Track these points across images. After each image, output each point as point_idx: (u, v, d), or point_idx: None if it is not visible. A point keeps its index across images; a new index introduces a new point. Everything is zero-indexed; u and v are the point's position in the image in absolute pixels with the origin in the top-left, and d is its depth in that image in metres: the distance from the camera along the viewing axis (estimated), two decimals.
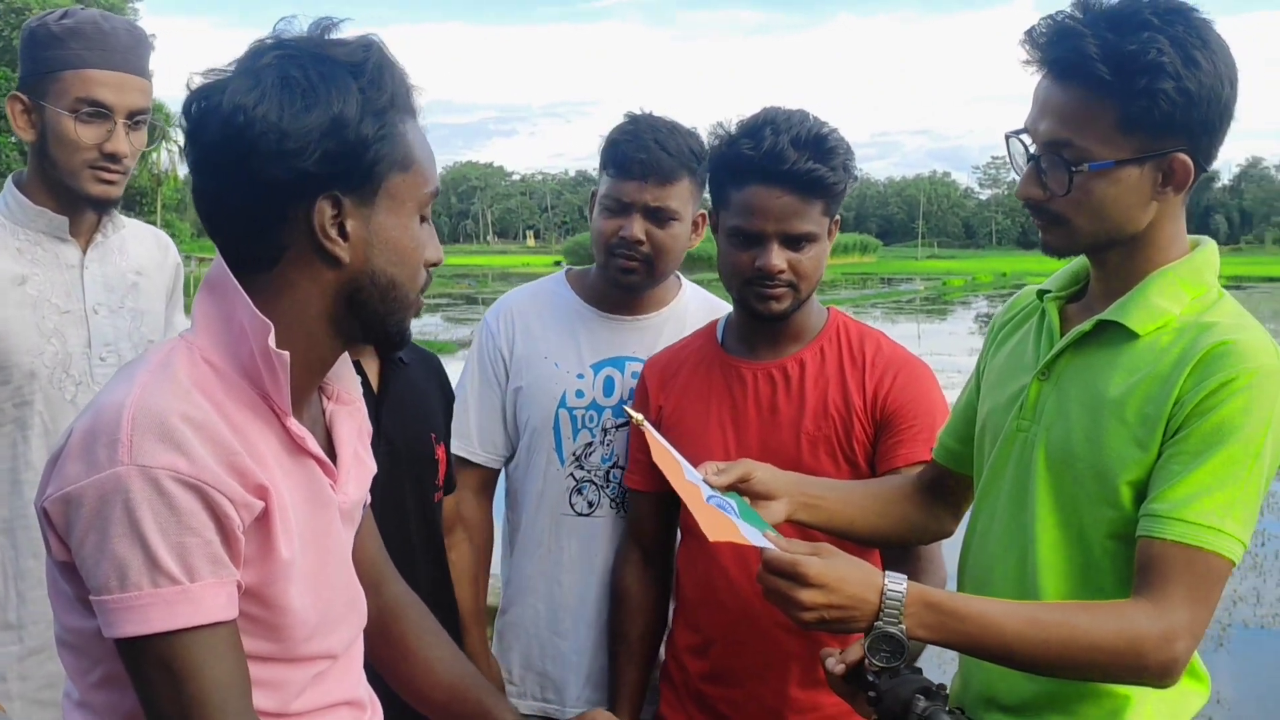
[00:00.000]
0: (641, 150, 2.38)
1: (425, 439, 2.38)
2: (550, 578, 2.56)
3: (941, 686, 1.61)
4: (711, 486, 1.75)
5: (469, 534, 2.59)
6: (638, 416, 1.80)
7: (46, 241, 2.32)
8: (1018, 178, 1.69)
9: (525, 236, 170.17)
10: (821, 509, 1.89)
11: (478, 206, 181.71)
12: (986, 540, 1.80)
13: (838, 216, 2.24)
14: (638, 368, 2.51)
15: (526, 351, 2.57)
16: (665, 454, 1.76)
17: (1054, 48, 1.58)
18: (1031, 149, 1.64)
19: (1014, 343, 1.86)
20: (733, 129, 2.18)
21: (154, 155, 40.56)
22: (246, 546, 1.30)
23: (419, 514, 2.36)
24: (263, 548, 1.32)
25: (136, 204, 43.59)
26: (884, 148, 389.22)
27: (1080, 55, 1.54)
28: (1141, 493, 1.58)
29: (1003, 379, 1.83)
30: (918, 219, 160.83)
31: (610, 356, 2.54)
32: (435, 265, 1.46)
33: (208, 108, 1.31)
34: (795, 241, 2.15)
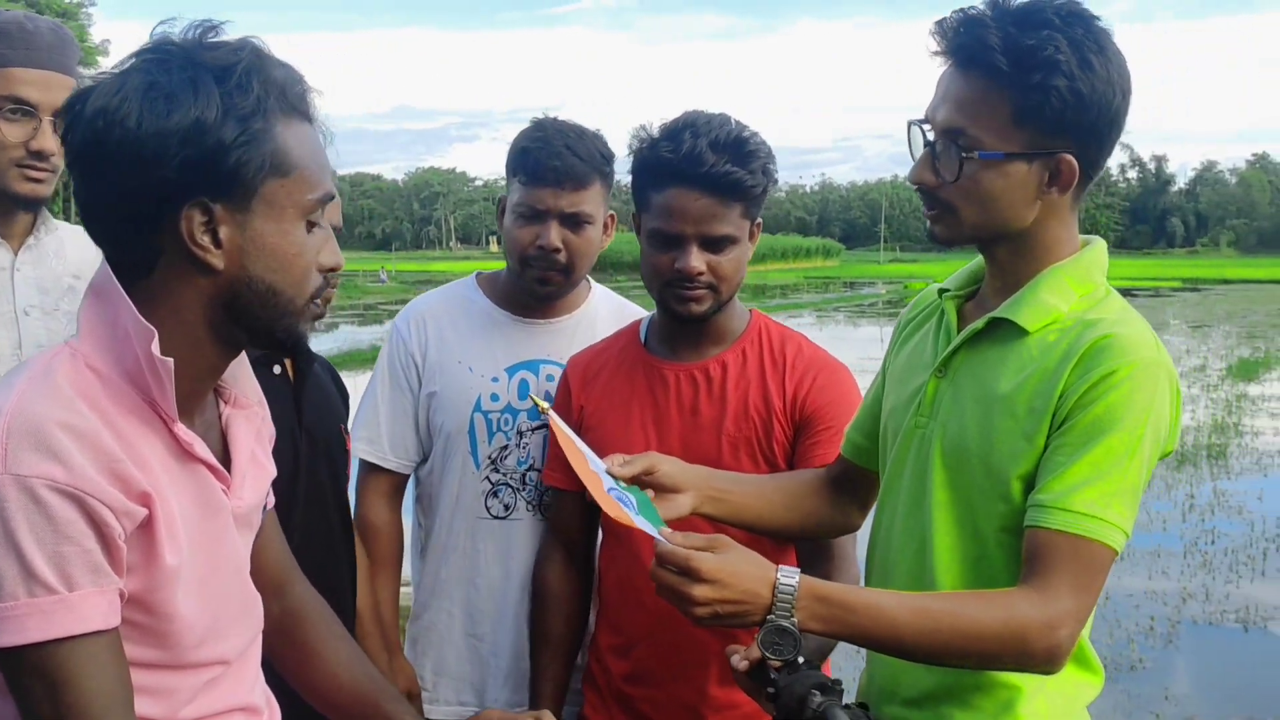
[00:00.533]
0: (554, 157, 2.40)
1: (337, 429, 2.43)
2: (466, 581, 2.57)
3: (837, 682, 1.64)
4: (615, 478, 1.76)
5: (377, 539, 2.60)
6: (544, 404, 1.82)
7: None
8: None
9: (488, 242, 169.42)
10: (728, 502, 1.92)
11: (440, 212, 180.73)
12: (889, 535, 1.83)
13: (759, 220, 2.26)
14: (552, 370, 2.54)
15: (440, 356, 2.58)
16: (570, 444, 1.77)
17: (959, 37, 1.63)
18: (930, 136, 1.69)
19: (915, 341, 1.90)
20: (655, 132, 2.19)
21: None
22: (130, 554, 1.29)
23: (336, 501, 2.40)
24: (147, 555, 1.31)
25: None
26: (847, 152, 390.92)
27: (982, 45, 1.59)
28: (1031, 486, 1.62)
29: (904, 376, 1.87)
30: (880, 223, 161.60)
31: (524, 360, 2.56)
32: (333, 270, 1.45)
33: (77, 111, 1.31)
34: (714, 243, 2.17)
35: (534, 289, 2.51)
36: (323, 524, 2.31)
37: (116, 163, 1.28)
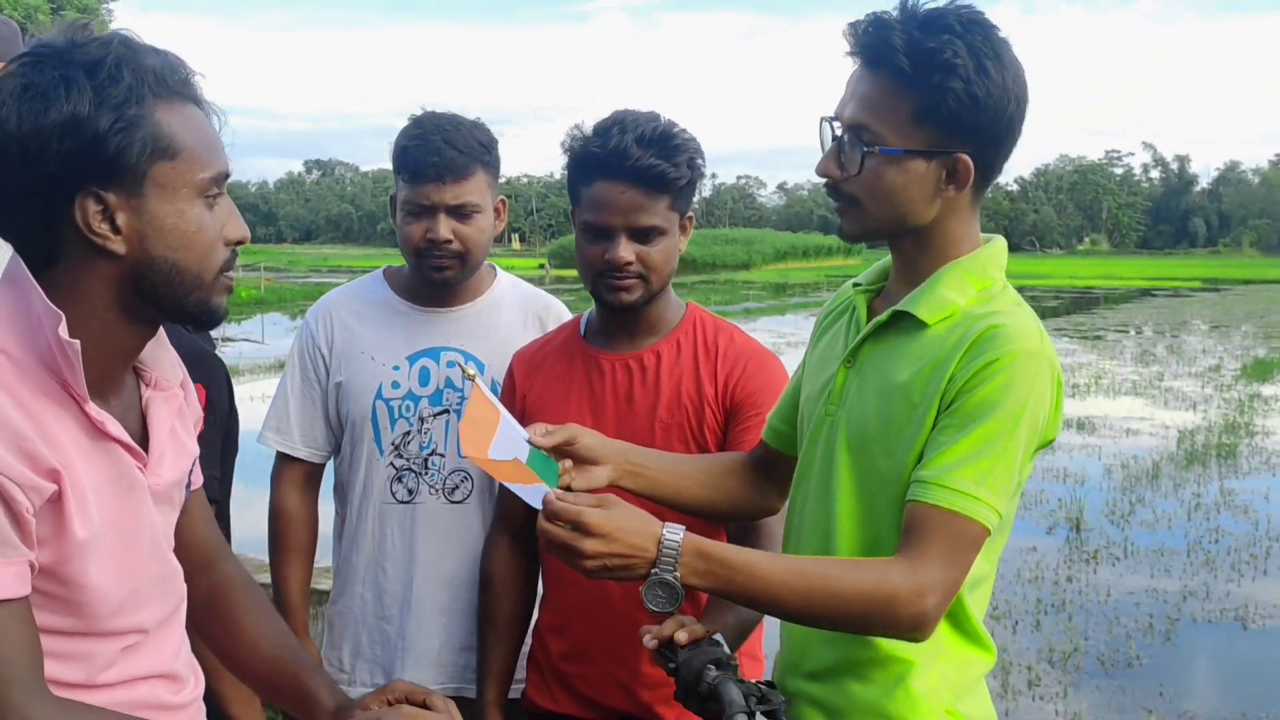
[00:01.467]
0: (433, 153, 2.48)
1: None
2: (376, 565, 2.66)
3: (732, 658, 1.72)
4: (536, 447, 1.83)
5: (287, 526, 2.69)
6: (470, 370, 1.88)
7: None
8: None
9: (511, 240, 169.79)
10: (646, 477, 1.98)
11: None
12: (800, 518, 1.91)
13: (690, 213, 2.34)
14: (453, 357, 2.63)
15: (345, 348, 2.67)
16: (487, 412, 1.82)
17: (866, 37, 1.71)
18: (838, 132, 1.76)
19: (831, 334, 1.98)
20: (588, 130, 2.28)
21: None
22: (40, 527, 1.35)
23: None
24: (57, 528, 1.37)
25: None
26: None
27: (886, 46, 1.67)
28: None
29: (819, 367, 1.95)
30: None
31: (426, 348, 2.65)
32: (240, 243, 1.52)
33: None
34: (643, 234, 2.26)
35: (432, 279, 2.59)
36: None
37: (3, 163, 1.35)
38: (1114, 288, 54.32)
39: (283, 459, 2.73)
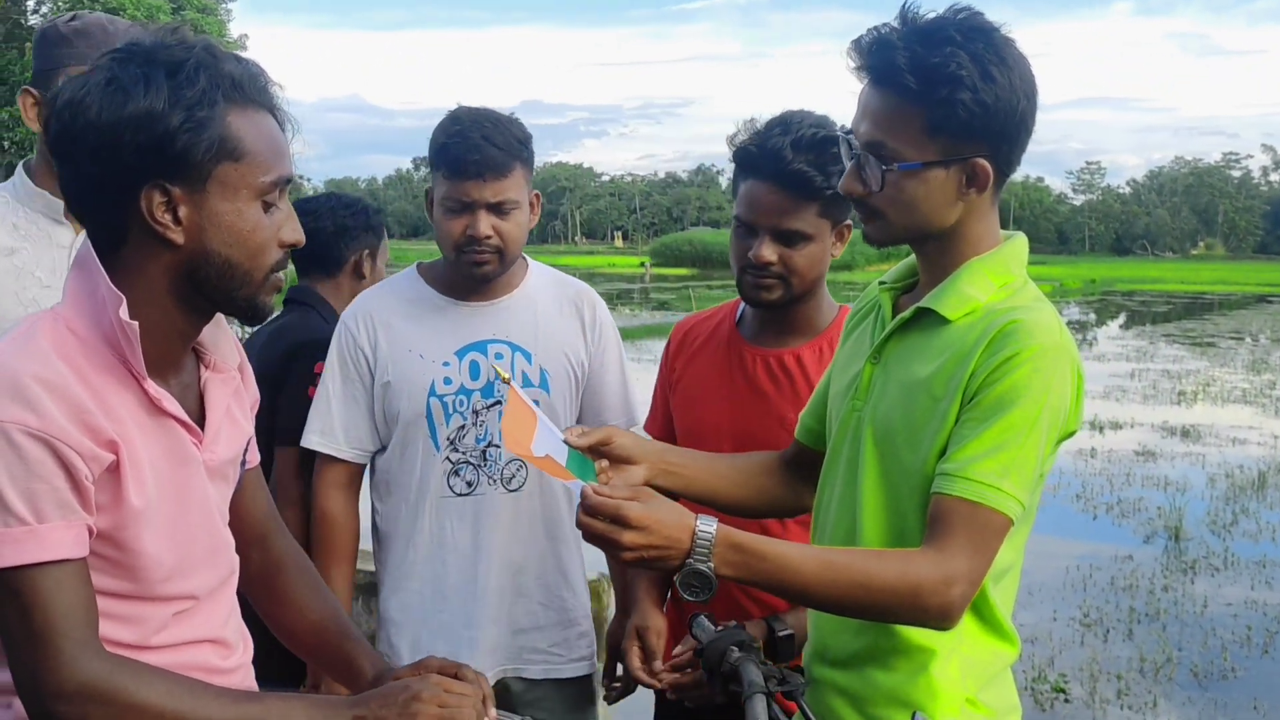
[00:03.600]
0: (473, 150, 2.48)
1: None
2: (435, 559, 2.66)
3: (756, 640, 1.76)
4: (573, 447, 1.87)
5: (332, 530, 2.69)
6: (505, 374, 1.95)
7: (43, 221, 2.49)
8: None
9: (613, 237, 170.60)
10: (681, 476, 2.02)
11: (566, 207, 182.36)
12: (827, 513, 1.94)
13: (848, 222, 2.35)
14: (500, 349, 2.65)
15: (390, 347, 2.67)
16: (525, 413, 1.87)
17: (871, 57, 1.74)
18: (856, 148, 1.79)
19: (858, 332, 2.01)
20: (756, 127, 2.32)
21: None
22: (99, 495, 1.45)
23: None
24: (114, 496, 1.47)
25: None
26: None
27: (891, 65, 1.70)
28: None
29: (846, 364, 1.98)
30: (1009, 224, 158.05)
31: (472, 341, 2.65)
32: (292, 246, 1.60)
33: (53, 104, 1.48)
34: (787, 237, 2.29)
35: (471, 274, 2.60)
36: None
37: (82, 149, 1.46)
38: (1228, 293, 52.90)
39: (325, 461, 2.72)
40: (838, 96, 1.86)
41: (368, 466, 2.77)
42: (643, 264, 71.47)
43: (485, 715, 1.60)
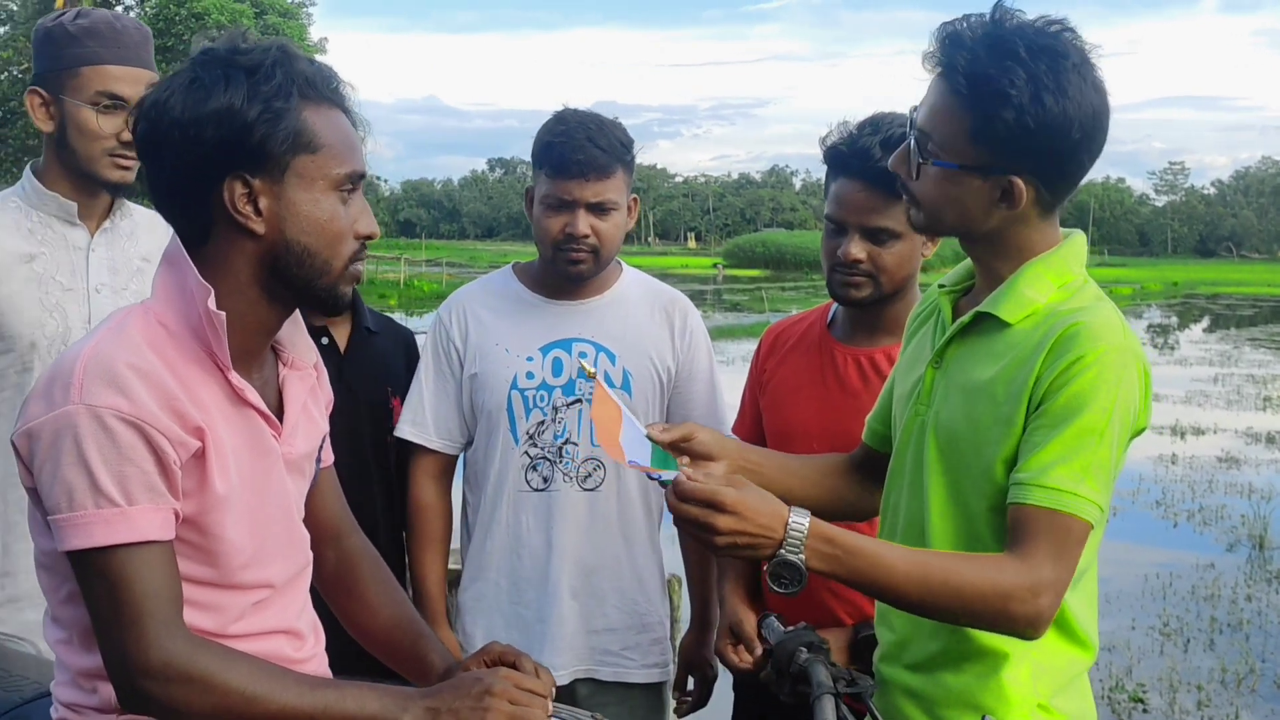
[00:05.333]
0: (577, 150, 2.54)
1: (382, 391, 2.81)
2: (511, 552, 2.71)
3: (825, 642, 1.78)
4: (654, 441, 1.88)
5: (423, 517, 2.76)
6: (591, 369, 1.95)
7: (57, 224, 2.53)
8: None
9: (686, 238, 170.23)
10: (759, 474, 1.99)
11: (640, 208, 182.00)
12: (895, 519, 1.93)
13: None
14: (584, 348, 2.68)
15: (479, 340, 2.73)
16: (612, 409, 1.88)
17: (940, 50, 1.73)
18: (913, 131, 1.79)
19: (920, 335, 2.00)
20: (849, 128, 2.34)
21: None
22: (185, 480, 1.51)
23: (375, 449, 2.79)
24: (200, 482, 1.53)
25: None
26: None
27: (950, 65, 1.70)
28: (1013, 466, 1.71)
29: (908, 368, 1.98)
30: (1088, 226, 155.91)
31: (557, 339, 2.69)
32: (369, 238, 1.66)
33: (140, 105, 1.56)
34: (876, 235, 2.31)
35: (566, 272, 2.65)
36: (358, 480, 2.57)
37: (168, 146, 1.54)
38: None
39: (418, 451, 2.77)
40: (913, 98, 1.87)
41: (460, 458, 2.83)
42: (716, 265, 71.28)
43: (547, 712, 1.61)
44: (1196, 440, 13.36)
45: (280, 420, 1.69)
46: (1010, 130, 1.66)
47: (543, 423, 2.68)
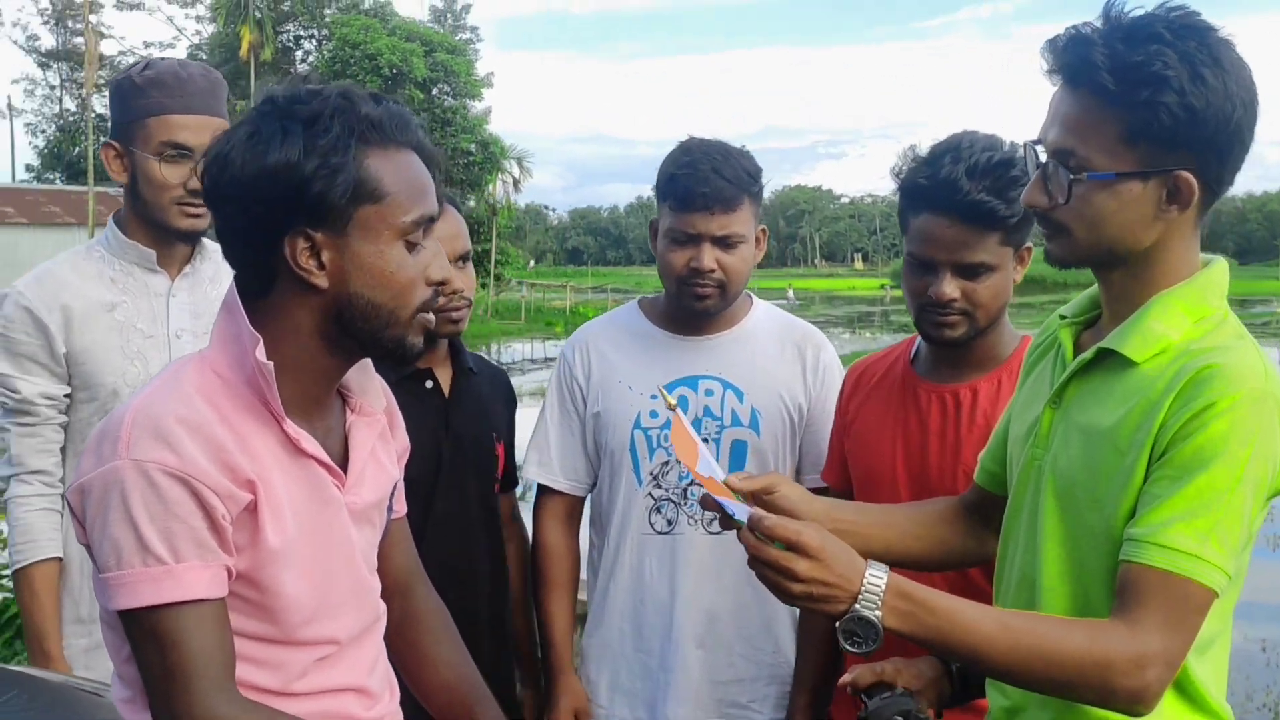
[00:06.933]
0: (702, 183, 2.44)
1: (487, 436, 2.68)
2: (635, 597, 2.62)
3: (922, 709, 1.69)
4: (733, 489, 1.78)
5: (550, 561, 2.69)
6: (670, 399, 1.84)
7: (138, 272, 2.59)
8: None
9: (853, 259, 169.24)
10: (855, 534, 1.86)
11: (806, 230, 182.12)
12: (1010, 571, 1.79)
13: (1029, 244, 2.21)
14: (711, 385, 2.58)
15: (602, 377, 2.66)
16: (691, 444, 1.80)
17: (1065, 55, 1.60)
18: (1042, 157, 1.65)
19: (1038, 370, 1.86)
20: (923, 154, 2.19)
21: (490, 185, 42.87)
22: (237, 535, 1.47)
23: (479, 498, 2.65)
24: (253, 536, 1.49)
25: (475, 233, 45.84)
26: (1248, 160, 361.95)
27: (1087, 64, 1.56)
28: None
29: (1026, 406, 1.83)
30: (1248, 241, 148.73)
31: (683, 376, 2.61)
32: (441, 284, 1.62)
33: (204, 157, 1.54)
34: (969, 271, 2.16)
35: (691, 307, 2.55)
36: (461, 523, 2.55)
37: (230, 199, 1.52)
38: None
39: (544, 492, 2.72)
40: None
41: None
42: (883, 286, 70.40)
43: None
44: None
45: (345, 469, 1.65)
46: (1174, 116, 1.52)
47: (666, 463, 2.60)
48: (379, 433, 1.75)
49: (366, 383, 1.74)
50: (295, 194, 1.49)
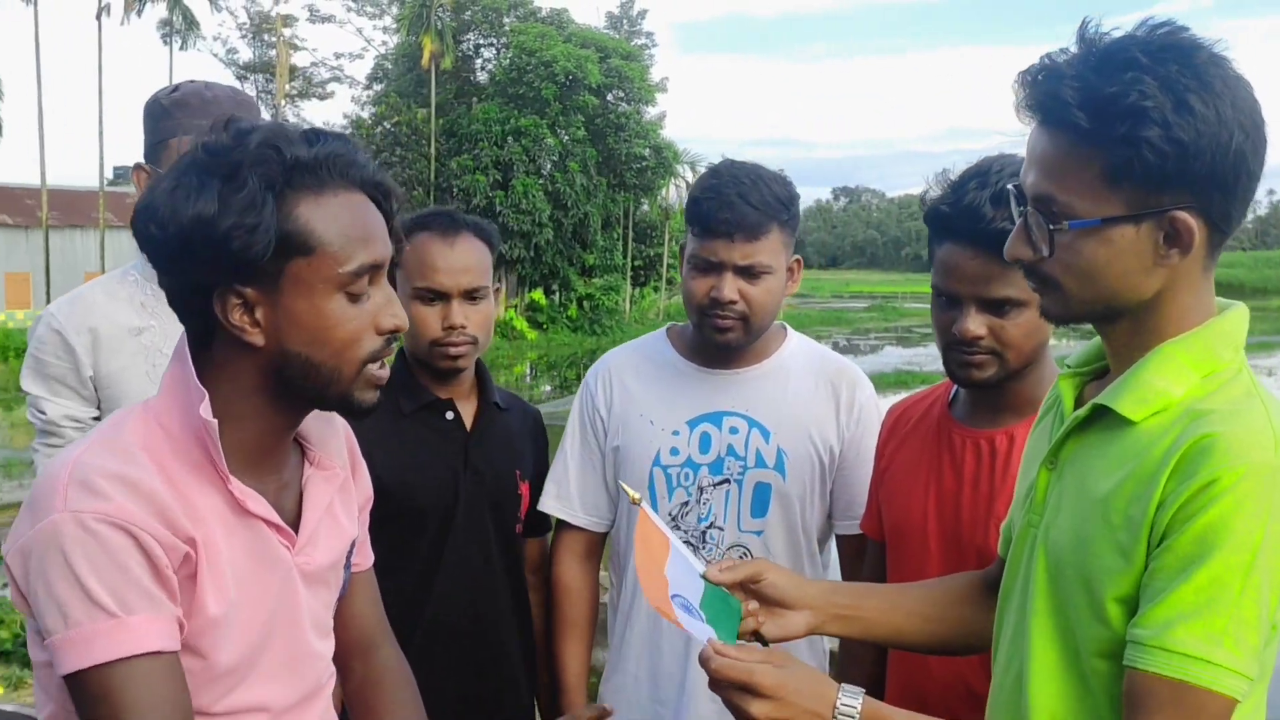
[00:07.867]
0: (725, 208, 2.29)
1: (510, 474, 2.54)
2: (652, 644, 2.50)
3: None
4: (711, 583, 1.68)
5: (567, 599, 2.56)
6: (634, 495, 1.73)
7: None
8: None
9: None
10: (858, 620, 1.76)
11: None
12: (999, 652, 1.61)
13: None
14: (736, 423, 2.44)
15: (623, 409, 2.52)
16: (657, 538, 1.69)
17: (1036, 90, 1.42)
18: (1024, 205, 1.48)
19: (1043, 426, 1.67)
20: (953, 178, 2.00)
21: (663, 190, 42.99)
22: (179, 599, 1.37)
23: (500, 539, 2.51)
24: (191, 603, 1.39)
25: (647, 237, 46.23)
26: None
27: (1057, 100, 1.39)
28: (1132, 610, 1.38)
29: (1028, 465, 1.66)
30: None
31: (707, 412, 2.46)
32: (393, 332, 1.49)
33: (138, 203, 1.45)
34: (996, 306, 1.97)
35: (712, 339, 2.40)
36: (479, 556, 2.45)
37: (157, 252, 1.43)
38: None
39: (563, 527, 2.60)
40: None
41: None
42: None
43: None
44: None
45: (298, 527, 1.56)
46: (1159, 152, 1.33)
47: (686, 504, 2.46)
48: (339, 486, 1.65)
49: (327, 433, 1.65)
50: (214, 252, 1.38)
